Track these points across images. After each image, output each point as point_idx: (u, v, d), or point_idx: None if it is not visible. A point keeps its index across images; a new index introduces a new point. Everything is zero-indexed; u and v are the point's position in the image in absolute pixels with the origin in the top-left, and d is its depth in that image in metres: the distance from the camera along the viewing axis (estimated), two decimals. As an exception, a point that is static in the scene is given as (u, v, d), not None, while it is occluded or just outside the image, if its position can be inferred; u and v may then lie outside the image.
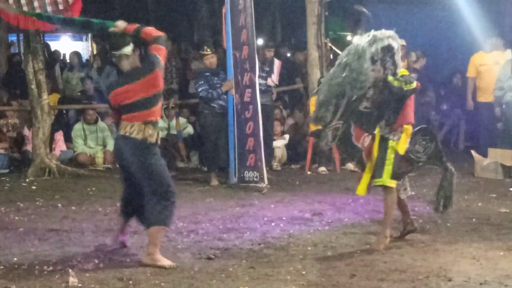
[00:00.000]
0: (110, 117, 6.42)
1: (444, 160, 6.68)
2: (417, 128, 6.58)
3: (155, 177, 6.04)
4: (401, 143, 6.40)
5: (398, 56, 6.29)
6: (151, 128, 6.07)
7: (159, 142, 6.17)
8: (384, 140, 6.38)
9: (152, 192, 6.04)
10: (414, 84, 6.29)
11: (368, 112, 6.35)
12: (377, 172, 6.39)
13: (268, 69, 11.34)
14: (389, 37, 6.25)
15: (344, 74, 6.15)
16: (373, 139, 6.43)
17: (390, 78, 6.22)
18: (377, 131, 6.41)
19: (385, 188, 6.46)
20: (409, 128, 6.47)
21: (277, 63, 11.64)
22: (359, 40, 6.27)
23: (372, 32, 6.26)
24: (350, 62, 6.16)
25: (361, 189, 6.58)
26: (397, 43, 6.29)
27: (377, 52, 6.16)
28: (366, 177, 6.52)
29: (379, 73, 6.23)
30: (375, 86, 6.27)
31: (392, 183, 6.43)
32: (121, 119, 6.15)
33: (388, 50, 6.22)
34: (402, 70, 6.41)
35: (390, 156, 6.35)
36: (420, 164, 6.67)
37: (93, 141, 12.25)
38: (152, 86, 6.06)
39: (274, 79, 11.48)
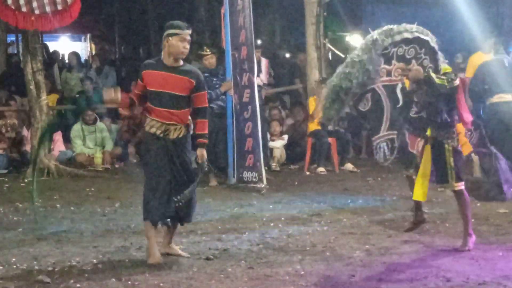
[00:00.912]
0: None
1: (488, 146, 6.65)
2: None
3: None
4: (463, 145, 6.30)
5: (438, 54, 6.10)
6: None
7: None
8: (439, 144, 6.18)
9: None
10: (457, 81, 6.04)
11: (419, 117, 6.18)
12: (441, 177, 6.22)
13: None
14: (407, 31, 6.02)
15: (350, 70, 6.00)
16: (425, 141, 6.26)
17: (432, 75, 6.00)
18: (428, 132, 6.20)
19: (455, 192, 6.32)
20: (460, 127, 6.33)
21: (264, 62, 11.63)
22: (368, 38, 6.08)
23: (387, 26, 6.05)
24: (358, 57, 5.99)
25: (420, 194, 6.31)
26: (428, 38, 6.06)
27: (393, 45, 5.97)
28: (423, 182, 6.26)
29: (418, 72, 6.02)
30: (419, 88, 6.08)
31: (459, 186, 6.27)
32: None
33: (418, 45, 6.01)
34: (445, 67, 6.17)
35: (450, 160, 6.16)
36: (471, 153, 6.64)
37: (92, 142, 12.25)
38: None
39: (262, 78, 11.45)
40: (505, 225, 7.43)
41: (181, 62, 6.16)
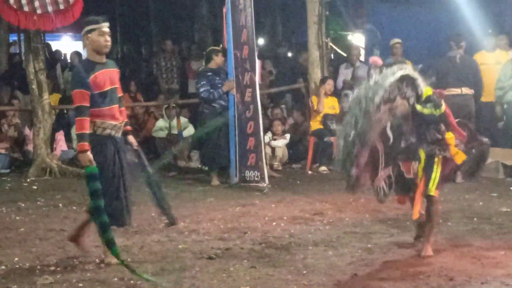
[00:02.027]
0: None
1: (478, 138, 6.68)
2: None
3: None
4: (456, 155, 6.26)
5: (419, 80, 6.06)
6: None
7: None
8: (430, 157, 6.20)
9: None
10: (443, 106, 6.11)
11: (409, 144, 6.21)
12: (427, 186, 6.22)
13: None
14: (391, 74, 5.95)
15: (354, 132, 5.80)
16: (419, 162, 6.27)
17: (418, 107, 6.04)
18: (421, 153, 6.23)
19: (429, 197, 6.26)
20: (450, 136, 6.30)
21: (258, 63, 11.61)
22: (361, 92, 5.89)
23: (373, 80, 5.92)
24: (358, 119, 5.81)
25: (417, 212, 6.30)
26: (406, 70, 6.02)
27: (387, 94, 5.88)
28: (420, 200, 6.28)
29: (404, 106, 6.03)
30: (405, 120, 6.10)
31: (436, 193, 6.25)
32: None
33: (400, 82, 5.96)
34: (426, 90, 6.13)
35: (438, 170, 6.20)
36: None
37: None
38: None
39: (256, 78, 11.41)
40: (507, 224, 7.42)
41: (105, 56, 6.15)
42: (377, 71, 6.07)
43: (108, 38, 6.07)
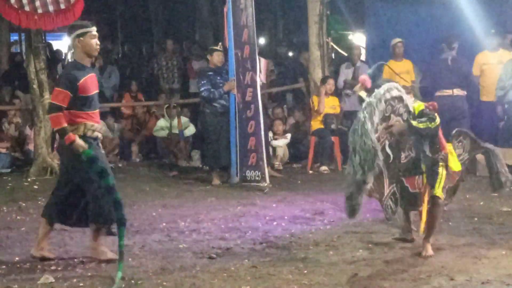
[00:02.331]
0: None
1: (482, 146, 6.73)
2: (450, 137, 6.60)
3: None
4: (453, 163, 6.34)
5: (404, 96, 6.14)
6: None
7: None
8: (433, 165, 6.23)
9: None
10: (438, 119, 6.14)
11: (410, 158, 6.27)
12: (433, 187, 6.24)
13: None
14: (384, 93, 5.99)
15: (356, 162, 5.85)
16: (423, 177, 6.31)
17: (414, 123, 6.08)
18: (423, 167, 6.27)
19: (434, 198, 6.25)
20: (450, 146, 6.42)
21: (263, 62, 11.62)
22: (356, 122, 5.94)
23: (365, 104, 5.96)
24: (357, 146, 5.85)
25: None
26: (395, 89, 6.08)
27: (382, 114, 5.98)
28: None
29: (399, 123, 6.12)
30: (402, 136, 6.18)
31: (442, 195, 6.27)
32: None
33: (392, 100, 6.05)
34: (418, 105, 6.21)
35: (443, 173, 6.24)
36: (466, 162, 6.71)
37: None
38: None
39: (262, 78, 11.42)
40: (508, 224, 7.42)
41: None
42: (367, 94, 6.17)
43: (98, 42, 6.18)
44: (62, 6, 10.44)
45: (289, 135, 12.05)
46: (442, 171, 6.26)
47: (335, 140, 11.46)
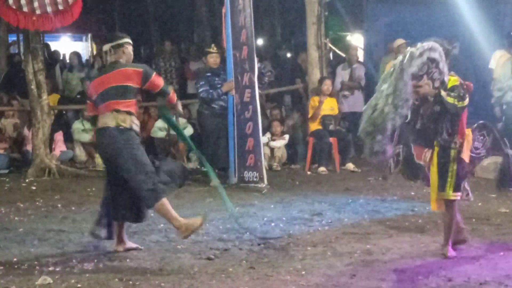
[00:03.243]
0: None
1: (504, 149, 6.59)
2: (474, 125, 6.41)
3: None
4: (465, 151, 6.16)
5: (442, 63, 5.97)
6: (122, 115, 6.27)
7: (134, 128, 6.33)
8: (444, 151, 6.12)
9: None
10: (467, 100, 6.00)
11: (425, 128, 6.14)
12: (440, 184, 6.15)
13: None
14: (427, 50, 5.89)
15: (383, 103, 5.77)
16: (432, 152, 6.19)
17: (443, 93, 5.94)
18: (436, 143, 6.16)
19: (447, 201, 6.19)
20: (469, 134, 6.26)
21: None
22: (394, 64, 5.91)
23: (408, 50, 5.91)
24: (390, 89, 5.78)
25: (434, 205, 6.29)
26: (438, 52, 5.95)
27: (418, 69, 5.85)
28: (435, 192, 6.22)
29: (428, 87, 5.95)
30: (425, 102, 6.05)
31: (455, 195, 6.17)
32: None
33: (431, 62, 5.91)
34: (451, 78, 6.07)
35: (453, 168, 6.11)
36: (482, 158, 6.58)
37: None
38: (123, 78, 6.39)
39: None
40: (506, 225, 7.43)
41: None
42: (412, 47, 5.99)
43: None
44: (60, 7, 10.45)
45: (287, 136, 12.06)
46: (452, 166, 6.11)
47: (333, 141, 11.47)
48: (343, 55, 13.78)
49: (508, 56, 11.08)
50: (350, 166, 11.46)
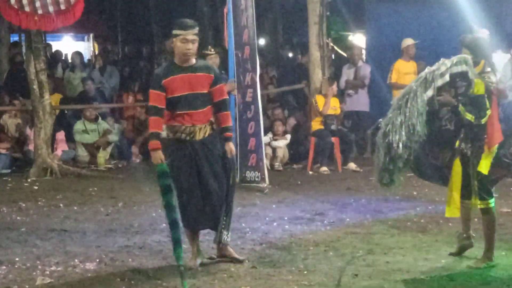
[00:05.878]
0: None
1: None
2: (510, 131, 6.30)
3: None
4: (483, 163, 5.94)
5: (471, 71, 5.83)
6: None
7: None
8: (464, 156, 5.98)
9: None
10: (485, 118, 5.89)
11: (445, 129, 6.04)
12: (464, 192, 6.00)
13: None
14: (451, 67, 5.80)
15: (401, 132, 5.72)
16: (452, 154, 6.08)
17: (461, 108, 5.85)
18: (457, 144, 6.03)
19: (481, 209, 6.07)
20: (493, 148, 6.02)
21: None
22: (412, 86, 5.79)
23: (421, 76, 5.81)
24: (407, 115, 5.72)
25: (451, 211, 6.14)
26: (464, 64, 5.82)
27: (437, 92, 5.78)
28: (455, 197, 6.08)
29: (449, 98, 5.87)
30: (445, 107, 5.96)
31: (484, 204, 6.01)
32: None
33: (457, 76, 5.81)
34: (477, 84, 5.87)
35: (474, 175, 5.93)
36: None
37: (95, 139, 12.22)
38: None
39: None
40: (508, 225, 7.43)
41: (194, 60, 6.05)
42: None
43: (190, 46, 5.96)
44: (62, 7, 10.45)
45: (289, 136, 12.05)
46: (474, 174, 5.92)
47: (335, 141, 11.46)
48: (345, 54, 13.77)
49: (508, 57, 11.08)
50: (352, 165, 11.45)
